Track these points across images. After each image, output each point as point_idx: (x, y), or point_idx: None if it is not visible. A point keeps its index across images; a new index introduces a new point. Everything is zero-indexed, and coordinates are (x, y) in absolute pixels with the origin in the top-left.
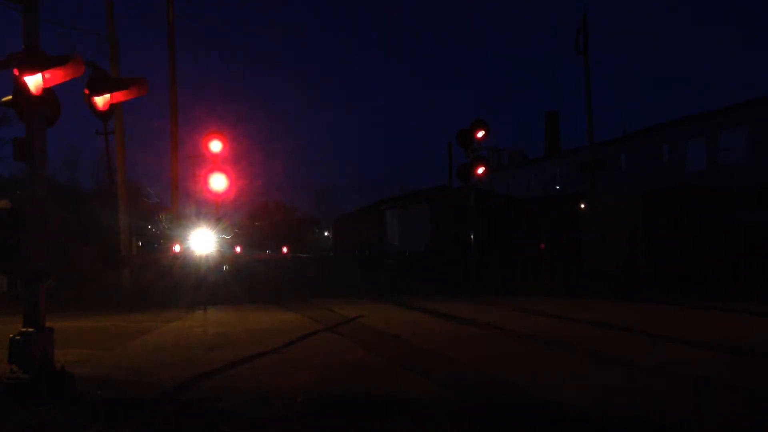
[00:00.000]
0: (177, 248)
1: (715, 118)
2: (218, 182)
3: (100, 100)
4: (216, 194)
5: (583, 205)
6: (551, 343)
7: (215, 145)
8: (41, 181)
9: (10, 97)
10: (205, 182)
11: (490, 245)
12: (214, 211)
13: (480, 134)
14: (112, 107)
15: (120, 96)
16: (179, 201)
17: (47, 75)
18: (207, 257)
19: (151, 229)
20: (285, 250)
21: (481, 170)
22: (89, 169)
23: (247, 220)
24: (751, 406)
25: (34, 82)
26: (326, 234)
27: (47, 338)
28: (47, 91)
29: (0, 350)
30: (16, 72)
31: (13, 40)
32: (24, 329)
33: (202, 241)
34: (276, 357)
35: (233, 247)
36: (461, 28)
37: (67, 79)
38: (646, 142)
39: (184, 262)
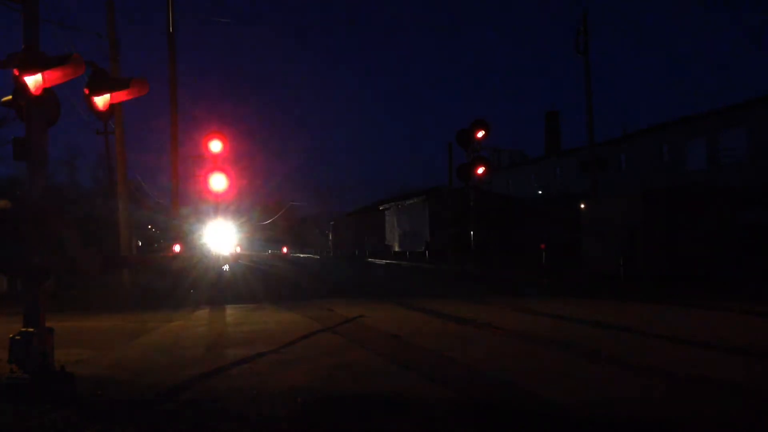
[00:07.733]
0: (177, 248)
1: (715, 118)
2: (218, 182)
3: (100, 100)
4: (216, 194)
5: (583, 205)
6: (551, 343)
7: (215, 145)
8: (41, 181)
9: (10, 97)
10: (205, 182)
11: (489, 245)
12: (217, 211)
13: (480, 134)
14: (112, 107)
15: (120, 96)
16: (179, 201)
17: (47, 75)
18: (208, 257)
19: (151, 228)
20: (285, 250)
21: (481, 170)
22: (89, 168)
23: (248, 220)
24: (750, 406)
25: (34, 82)
26: (326, 234)
27: (47, 338)
28: (47, 91)
29: (0, 350)
30: (16, 72)
31: (13, 40)
32: (24, 329)
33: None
34: (276, 357)
35: (234, 247)
36: (461, 28)
37: (67, 79)
38: (646, 142)
39: (185, 262)
